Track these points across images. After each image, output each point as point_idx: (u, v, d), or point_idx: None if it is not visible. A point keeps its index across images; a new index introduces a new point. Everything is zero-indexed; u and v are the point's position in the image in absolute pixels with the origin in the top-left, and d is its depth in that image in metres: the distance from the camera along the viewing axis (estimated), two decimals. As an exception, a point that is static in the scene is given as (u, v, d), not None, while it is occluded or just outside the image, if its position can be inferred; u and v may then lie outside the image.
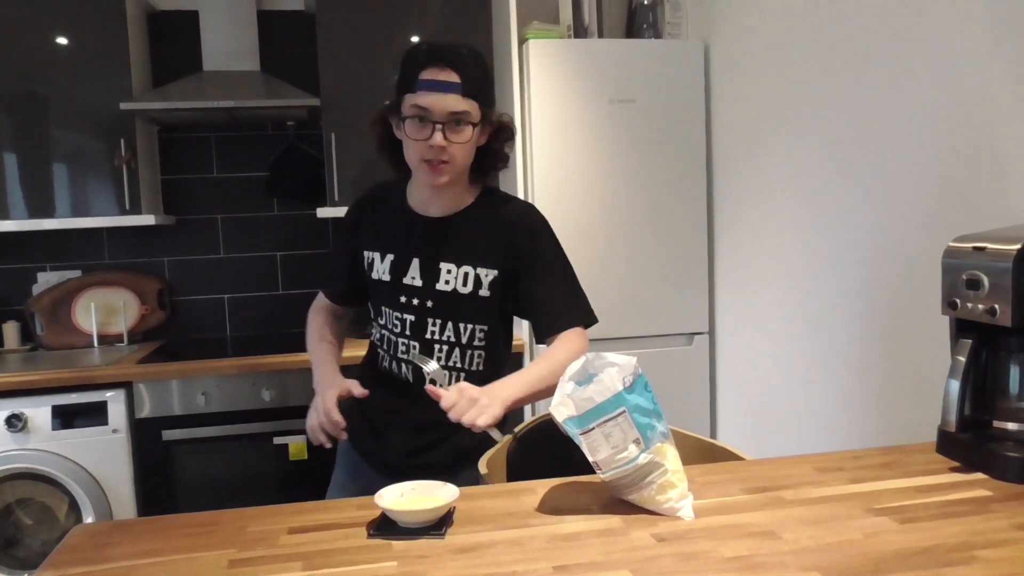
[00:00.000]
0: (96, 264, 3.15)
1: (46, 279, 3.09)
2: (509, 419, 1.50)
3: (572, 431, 1.17)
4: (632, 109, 2.87)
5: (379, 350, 1.64)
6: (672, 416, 2.62)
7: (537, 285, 1.54)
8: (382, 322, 1.61)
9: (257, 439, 2.64)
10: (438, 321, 1.54)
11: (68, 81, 2.78)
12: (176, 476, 2.63)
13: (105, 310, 3.07)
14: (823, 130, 2.29)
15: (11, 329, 3.01)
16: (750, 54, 2.67)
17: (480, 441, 1.58)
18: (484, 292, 1.53)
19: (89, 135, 2.82)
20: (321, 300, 1.76)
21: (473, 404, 1.33)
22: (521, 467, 1.57)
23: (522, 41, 2.85)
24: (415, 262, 1.55)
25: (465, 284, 1.53)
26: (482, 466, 1.49)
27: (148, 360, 2.75)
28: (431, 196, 1.55)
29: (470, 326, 1.55)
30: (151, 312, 3.12)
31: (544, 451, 1.52)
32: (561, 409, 1.16)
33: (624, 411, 1.15)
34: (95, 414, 2.55)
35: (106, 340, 3.06)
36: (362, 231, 1.62)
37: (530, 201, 2.84)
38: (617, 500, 1.21)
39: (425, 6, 2.97)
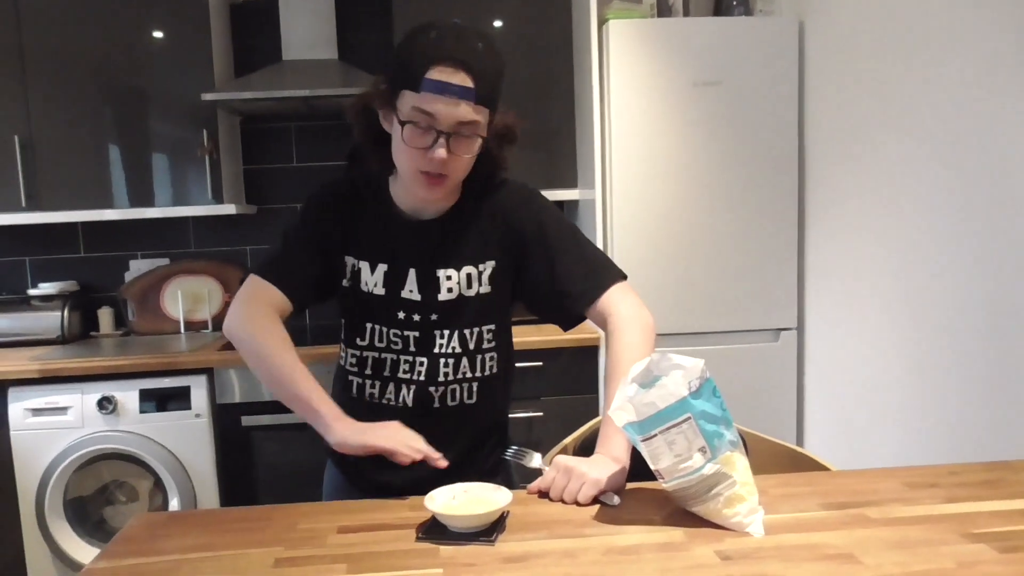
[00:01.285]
0: (183, 253, 3.25)
1: (137, 267, 3.21)
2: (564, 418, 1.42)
3: (633, 437, 1.10)
4: (719, 92, 2.74)
5: (359, 378, 1.40)
6: (754, 418, 2.48)
7: (556, 266, 1.35)
8: (364, 342, 1.39)
9: (332, 427, 2.66)
10: (445, 332, 1.37)
11: (155, 73, 2.87)
12: (256, 461, 2.68)
13: (191, 297, 3.16)
14: (933, 115, 2.11)
15: (106, 315, 3.15)
16: (850, 31, 2.50)
17: (499, 461, 1.49)
18: (485, 288, 1.37)
19: (174, 126, 2.90)
20: (262, 297, 1.35)
21: (572, 477, 1.18)
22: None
23: (602, 22, 2.76)
24: (411, 273, 1.36)
25: (469, 286, 1.36)
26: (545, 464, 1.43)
27: (230, 347, 2.81)
28: (425, 198, 1.35)
29: (476, 329, 1.38)
30: (234, 299, 3.19)
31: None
32: (621, 414, 1.09)
33: (689, 417, 1.07)
34: (179, 398, 2.62)
35: (192, 326, 3.15)
36: (340, 232, 1.38)
37: (608, 191, 2.77)
38: (682, 511, 1.13)
39: (502, -10, 2.91)
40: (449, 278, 1.36)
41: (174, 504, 2.60)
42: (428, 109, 1.20)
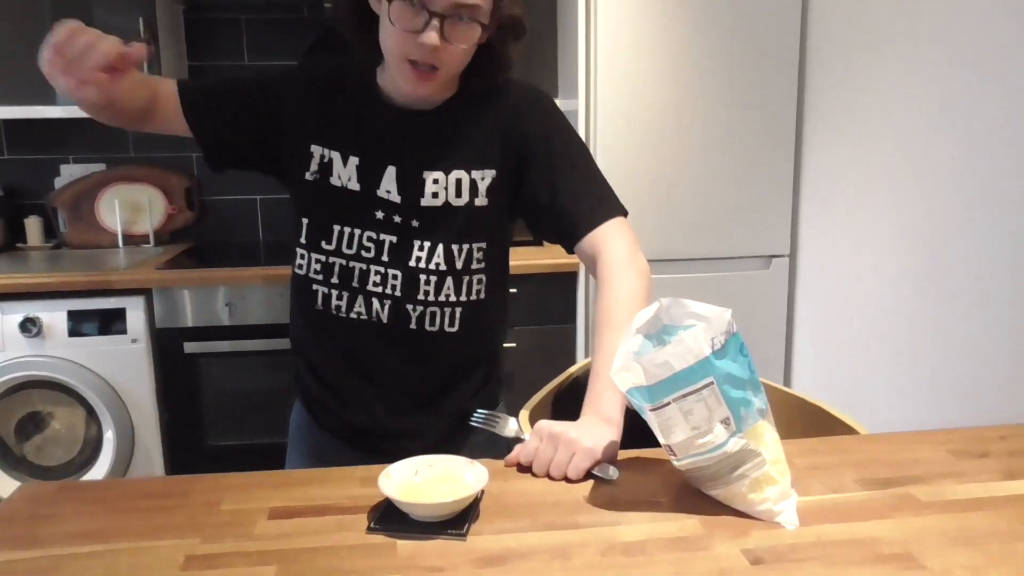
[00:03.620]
0: (121, 158, 2.92)
1: (70, 172, 2.88)
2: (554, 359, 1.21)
3: (639, 404, 0.89)
4: (717, -9, 2.45)
5: (324, 287, 1.20)
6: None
7: (557, 178, 1.18)
8: (331, 246, 1.18)
9: (285, 355, 2.42)
10: (426, 244, 1.17)
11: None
12: (202, 391, 2.46)
13: (130, 208, 2.86)
14: (955, 26, 1.86)
15: (33, 225, 2.83)
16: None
17: (487, 400, 1.31)
18: (481, 201, 1.18)
19: (107, 12, 2.53)
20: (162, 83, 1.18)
21: (560, 446, 0.97)
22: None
23: (592, -96, 2.42)
24: (390, 171, 1.16)
25: (459, 194, 1.17)
26: (523, 420, 1.23)
27: (173, 264, 2.55)
28: (411, 93, 1.16)
29: (466, 246, 1.18)
30: (179, 212, 2.90)
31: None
32: (625, 375, 0.87)
33: (711, 382, 0.85)
34: (113, 321, 2.37)
35: (132, 240, 2.86)
36: (312, 116, 1.18)
37: (592, 97, 2.49)
38: (693, 489, 0.93)
39: None
40: (436, 181, 1.17)
41: (109, 436, 2.38)
42: None
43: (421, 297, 1.19)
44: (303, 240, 1.22)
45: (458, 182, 1.17)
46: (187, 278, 2.40)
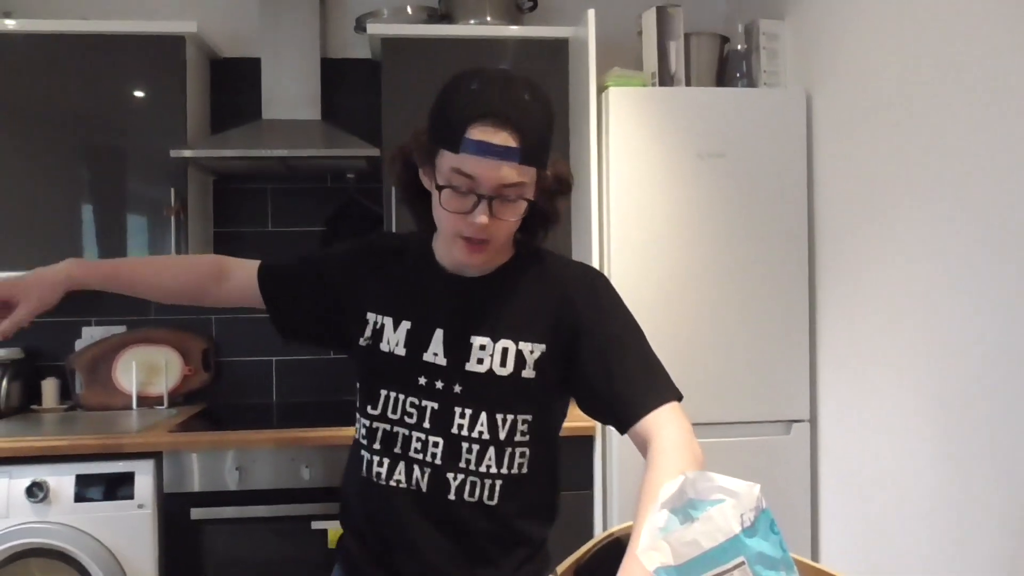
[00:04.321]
0: (142, 320, 2.98)
1: (91, 334, 2.94)
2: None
3: (668, 585, 0.85)
4: (723, 165, 2.57)
5: (368, 453, 1.23)
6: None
7: (611, 361, 1.18)
8: (376, 411, 1.22)
9: (293, 522, 2.37)
10: (468, 411, 1.18)
11: (127, 128, 2.67)
12: (204, 559, 2.36)
13: (147, 369, 2.88)
14: (958, 189, 1.93)
15: (50, 387, 2.85)
16: (863, 102, 2.35)
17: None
18: (528, 373, 1.19)
19: (142, 184, 2.69)
20: (225, 265, 1.37)
21: None
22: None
23: (601, 89, 2.60)
24: (438, 334, 1.20)
25: (504, 363, 1.19)
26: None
27: (186, 426, 2.54)
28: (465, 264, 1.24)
29: (510, 417, 1.19)
30: (194, 373, 2.92)
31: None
32: (652, 554, 0.84)
33: (742, 562, 0.82)
34: (121, 486, 2.32)
35: (146, 402, 2.86)
36: (372, 288, 1.27)
37: (606, 266, 2.57)
38: None
39: (497, 52, 2.76)
40: (483, 347, 1.20)
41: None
42: (468, 171, 1.10)
43: (462, 465, 1.18)
44: (358, 404, 1.27)
45: (504, 351, 1.19)
46: (198, 441, 2.38)
